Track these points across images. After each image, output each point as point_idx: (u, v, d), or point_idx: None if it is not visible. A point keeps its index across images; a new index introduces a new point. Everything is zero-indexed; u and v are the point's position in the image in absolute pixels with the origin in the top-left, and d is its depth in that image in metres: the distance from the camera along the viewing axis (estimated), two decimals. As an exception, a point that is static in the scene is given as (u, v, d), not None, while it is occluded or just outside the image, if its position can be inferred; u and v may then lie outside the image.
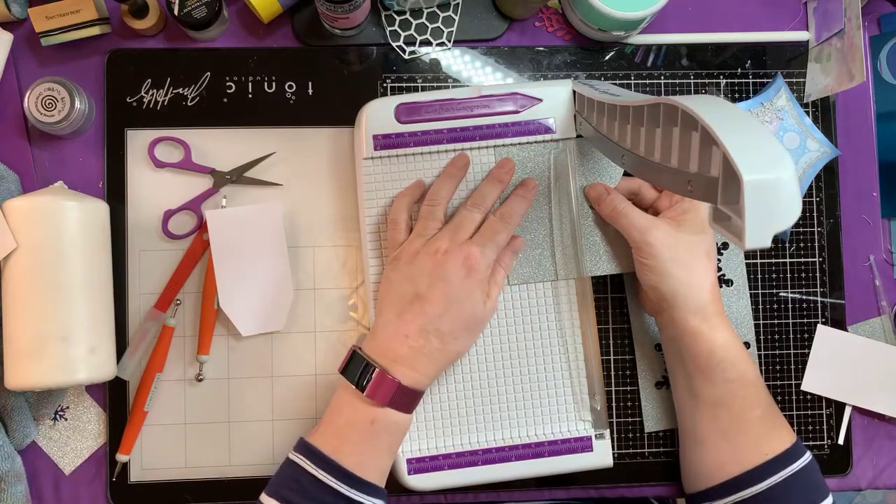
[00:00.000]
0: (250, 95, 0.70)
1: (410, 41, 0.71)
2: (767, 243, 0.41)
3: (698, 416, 0.64)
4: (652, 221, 0.63)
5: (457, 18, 0.71)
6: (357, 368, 0.58)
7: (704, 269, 0.62)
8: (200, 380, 0.68)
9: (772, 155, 0.41)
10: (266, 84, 0.70)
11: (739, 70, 0.73)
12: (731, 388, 0.62)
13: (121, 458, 0.66)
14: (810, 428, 0.72)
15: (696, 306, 0.62)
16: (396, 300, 0.59)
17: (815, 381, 0.72)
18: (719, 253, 0.72)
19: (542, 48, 0.72)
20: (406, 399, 0.58)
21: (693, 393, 0.64)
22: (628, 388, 0.71)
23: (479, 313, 0.60)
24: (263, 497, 0.57)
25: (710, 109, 0.45)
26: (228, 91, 0.69)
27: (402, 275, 0.60)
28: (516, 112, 0.67)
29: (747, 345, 0.72)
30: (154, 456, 0.67)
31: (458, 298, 0.59)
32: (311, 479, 0.56)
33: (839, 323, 0.73)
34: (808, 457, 0.62)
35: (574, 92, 0.66)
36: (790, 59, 0.74)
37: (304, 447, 0.58)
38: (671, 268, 0.62)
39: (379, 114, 0.66)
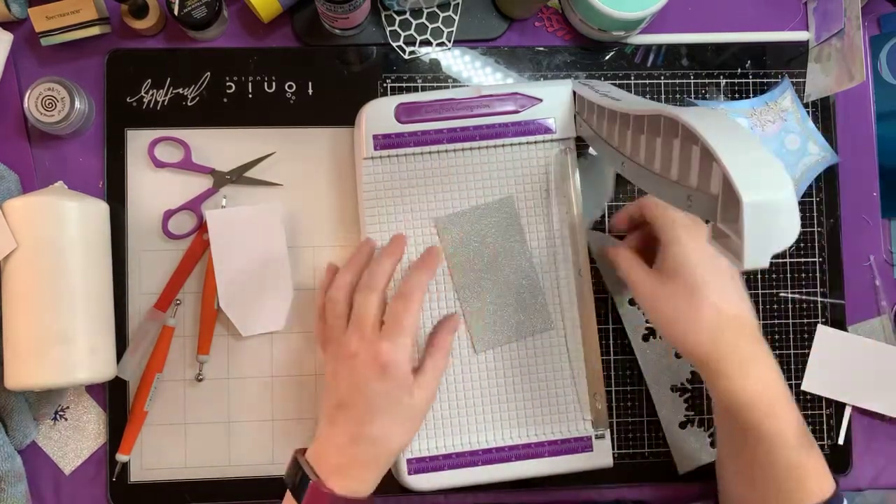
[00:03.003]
0: (250, 95, 0.70)
1: (410, 41, 0.71)
2: (766, 264, 0.41)
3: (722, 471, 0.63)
4: (639, 282, 0.61)
5: (457, 18, 0.71)
6: (295, 476, 0.56)
7: (700, 316, 0.57)
8: (200, 380, 0.68)
9: (772, 175, 0.41)
10: (266, 84, 0.70)
11: (739, 70, 0.73)
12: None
13: (121, 458, 0.66)
14: (810, 428, 0.72)
15: (699, 360, 0.58)
16: (326, 406, 0.58)
17: (815, 381, 0.72)
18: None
19: (542, 48, 0.72)
20: None
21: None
22: (628, 388, 0.71)
23: (407, 410, 0.57)
24: None
25: (711, 125, 0.45)
26: (228, 91, 0.69)
27: (329, 379, 0.58)
28: (516, 112, 0.67)
29: None
30: (154, 456, 0.67)
31: (379, 403, 0.56)
32: None
33: (839, 323, 0.73)
34: None
35: (574, 93, 0.66)
36: (790, 59, 0.74)
37: None
38: (664, 327, 0.59)
39: (379, 114, 0.66)
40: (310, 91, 0.70)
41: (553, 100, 0.67)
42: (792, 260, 0.73)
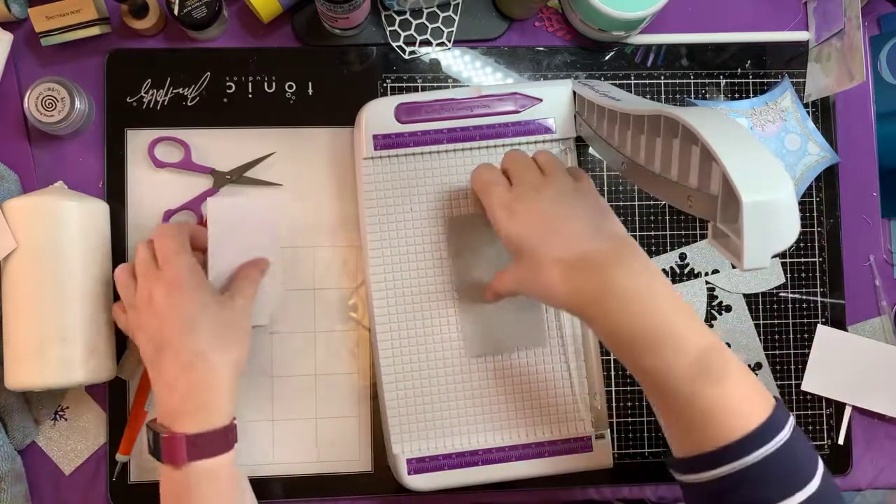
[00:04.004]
0: (250, 95, 0.70)
1: (410, 41, 0.71)
2: (766, 264, 0.41)
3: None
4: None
5: (457, 18, 0.71)
6: (152, 442, 0.57)
7: (552, 288, 0.54)
8: (200, 380, 0.68)
9: (772, 175, 0.41)
10: (266, 84, 0.70)
11: (739, 70, 0.73)
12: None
13: (121, 458, 0.66)
14: (810, 428, 0.72)
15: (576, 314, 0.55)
16: (149, 361, 0.58)
17: (815, 381, 0.72)
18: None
19: (542, 48, 0.72)
20: (208, 443, 0.55)
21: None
22: (628, 388, 0.71)
23: (224, 320, 0.57)
24: None
25: (711, 125, 0.45)
26: (228, 91, 0.69)
27: (142, 341, 0.58)
28: (516, 112, 0.67)
29: (759, 366, 0.72)
30: (154, 456, 0.67)
31: (190, 315, 0.56)
32: None
33: (839, 323, 0.73)
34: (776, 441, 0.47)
35: (574, 93, 0.66)
36: (790, 59, 0.74)
37: None
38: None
39: (379, 114, 0.66)
40: (310, 91, 0.70)
41: (553, 100, 0.67)
42: (792, 260, 0.73)
